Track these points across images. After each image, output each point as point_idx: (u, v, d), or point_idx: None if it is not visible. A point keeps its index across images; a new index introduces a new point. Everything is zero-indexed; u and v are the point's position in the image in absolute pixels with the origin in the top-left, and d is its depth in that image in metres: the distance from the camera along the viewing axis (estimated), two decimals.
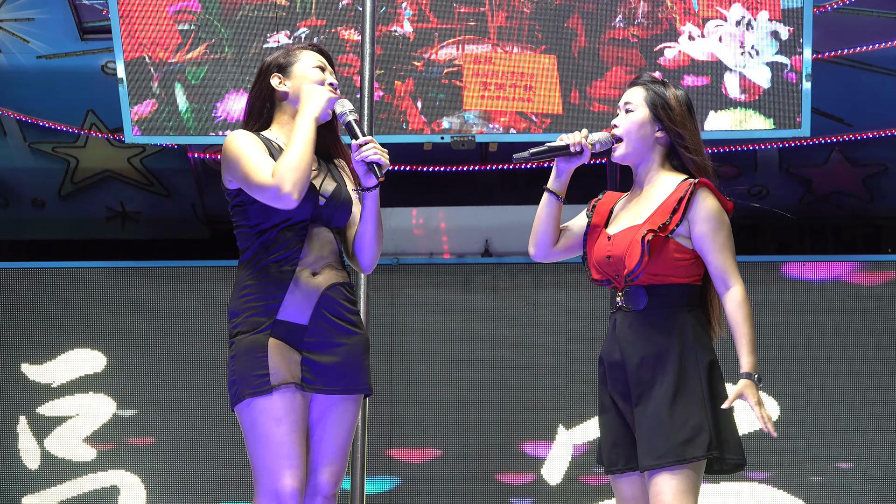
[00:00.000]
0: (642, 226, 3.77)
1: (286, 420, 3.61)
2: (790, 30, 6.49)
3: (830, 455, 7.20)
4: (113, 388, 7.48)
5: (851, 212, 8.26)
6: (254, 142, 3.72)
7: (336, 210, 3.77)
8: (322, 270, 3.72)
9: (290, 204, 3.61)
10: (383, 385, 7.31)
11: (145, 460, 7.43)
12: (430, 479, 7.38)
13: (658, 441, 3.66)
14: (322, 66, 3.86)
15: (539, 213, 3.93)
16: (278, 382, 3.61)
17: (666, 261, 3.75)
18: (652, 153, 3.88)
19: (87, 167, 8.41)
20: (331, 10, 6.69)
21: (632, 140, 3.86)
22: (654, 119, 3.86)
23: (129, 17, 6.70)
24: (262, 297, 3.68)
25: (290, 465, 3.59)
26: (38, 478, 7.46)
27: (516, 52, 6.63)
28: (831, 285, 7.24)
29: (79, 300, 7.48)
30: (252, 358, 3.64)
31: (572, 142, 3.84)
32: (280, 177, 3.60)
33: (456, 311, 7.41)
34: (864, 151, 8.12)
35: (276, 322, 3.67)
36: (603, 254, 3.83)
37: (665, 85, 3.90)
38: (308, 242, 3.71)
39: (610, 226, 3.89)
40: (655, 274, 3.75)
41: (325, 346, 3.69)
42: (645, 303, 3.75)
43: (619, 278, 3.79)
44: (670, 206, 3.77)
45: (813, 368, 7.22)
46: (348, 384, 3.71)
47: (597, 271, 3.86)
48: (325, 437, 3.70)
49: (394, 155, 8.14)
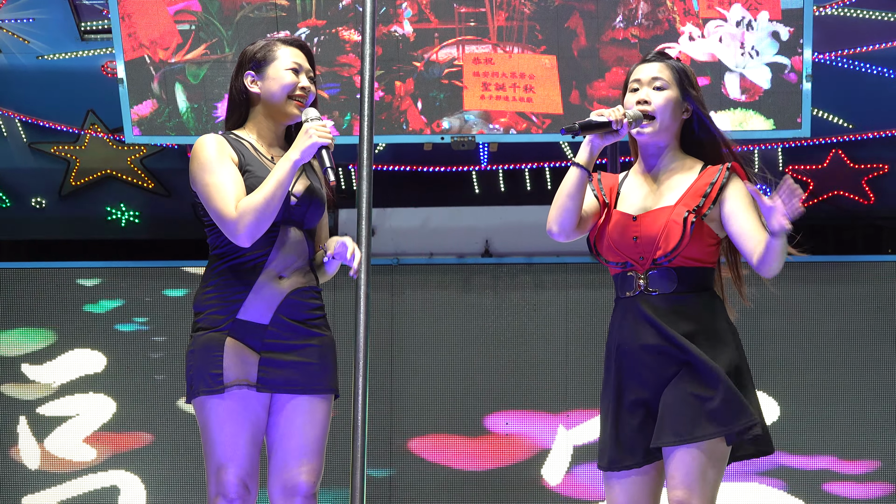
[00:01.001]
0: (675, 207, 3.68)
1: (234, 421, 3.62)
2: (790, 30, 6.49)
3: (833, 452, 7.20)
4: (113, 388, 7.48)
5: (851, 212, 8.25)
6: (220, 157, 3.71)
7: (308, 210, 3.76)
8: (290, 275, 3.71)
9: (242, 244, 3.64)
10: (383, 385, 7.31)
11: (145, 460, 7.43)
12: (430, 478, 7.38)
13: (735, 409, 3.56)
14: (297, 67, 3.80)
15: (568, 190, 3.70)
16: (230, 382, 3.63)
17: (699, 244, 3.68)
18: (674, 135, 3.79)
19: (87, 167, 8.41)
20: (331, 10, 6.69)
21: (666, 119, 3.74)
22: (684, 99, 3.78)
23: (129, 18, 6.70)
24: (225, 295, 3.70)
25: (235, 464, 3.61)
26: (38, 478, 7.46)
27: (516, 53, 6.63)
28: (831, 285, 7.24)
29: (79, 300, 7.48)
30: (208, 355, 3.67)
31: (616, 118, 3.69)
32: (241, 216, 3.62)
33: (456, 311, 7.41)
34: (865, 151, 8.11)
35: (235, 321, 3.68)
36: (628, 235, 3.70)
37: (679, 62, 3.84)
38: (277, 245, 3.71)
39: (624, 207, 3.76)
40: (689, 257, 3.67)
41: (285, 346, 3.68)
42: (676, 285, 3.67)
43: (645, 261, 3.68)
44: (702, 189, 3.70)
45: (812, 368, 7.22)
46: (312, 384, 3.70)
47: (614, 254, 3.73)
48: (295, 437, 3.69)
49: (394, 155, 8.18)
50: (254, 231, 3.62)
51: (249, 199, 3.63)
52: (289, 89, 3.79)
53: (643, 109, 3.75)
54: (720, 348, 3.66)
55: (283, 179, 3.63)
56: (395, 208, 7.83)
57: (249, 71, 3.83)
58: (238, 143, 3.77)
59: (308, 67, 3.84)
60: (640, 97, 3.76)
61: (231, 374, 3.63)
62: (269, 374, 3.66)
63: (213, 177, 3.70)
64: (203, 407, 3.65)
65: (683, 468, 3.56)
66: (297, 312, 3.70)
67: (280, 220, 3.70)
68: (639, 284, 3.69)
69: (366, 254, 5.40)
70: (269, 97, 3.80)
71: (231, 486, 3.61)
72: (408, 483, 7.39)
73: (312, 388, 3.70)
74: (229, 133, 3.82)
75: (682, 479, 3.56)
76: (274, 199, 3.62)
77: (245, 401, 3.63)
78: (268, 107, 3.81)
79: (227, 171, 3.70)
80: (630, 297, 3.71)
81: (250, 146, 3.77)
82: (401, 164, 8.05)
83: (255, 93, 3.82)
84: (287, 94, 3.79)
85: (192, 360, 3.70)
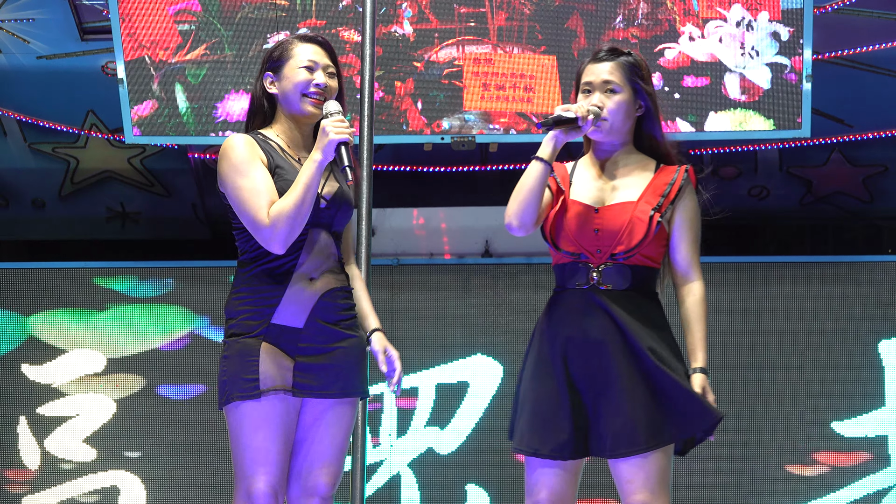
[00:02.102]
0: (638, 203, 3.70)
1: (267, 427, 3.60)
2: (790, 30, 6.49)
3: (832, 451, 7.20)
4: (113, 388, 7.48)
5: (851, 212, 8.26)
6: (250, 157, 3.67)
7: (337, 213, 3.75)
8: (321, 276, 3.70)
9: (275, 251, 3.62)
10: (383, 385, 7.31)
11: (145, 460, 7.43)
12: (431, 478, 7.38)
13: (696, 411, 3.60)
14: (311, 65, 3.75)
15: (529, 185, 3.70)
16: (267, 388, 3.61)
17: (656, 243, 3.71)
18: (629, 132, 3.81)
19: (87, 167, 8.41)
20: (331, 10, 6.69)
21: (616, 121, 3.76)
22: (636, 98, 3.78)
23: (129, 18, 6.70)
24: (257, 300, 3.68)
25: (266, 471, 3.59)
26: (38, 478, 7.46)
27: (516, 53, 6.63)
28: (831, 285, 7.24)
29: (79, 300, 7.48)
30: (243, 361, 3.64)
31: (582, 114, 3.68)
32: (274, 224, 3.60)
33: (456, 311, 7.40)
34: (864, 152, 8.12)
35: (270, 326, 3.66)
36: (589, 226, 3.71)
37: (631, 55, 3.82)
38: (307, 248, 3.68)
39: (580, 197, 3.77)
40: (646, 255, 3.69)
41: (319, 350, 3.67)
42: (629, 283, 3.68)
43: (602, 254, 3.69)
44: (660, 188, 3.73)
45: (812, 368, 7.21)
46: (344, 388, 3.70)
47: (571, 244, 3.73)
48: (322, 440, 3.69)
49: (394, 155, 8.17)
50: (287, 238, 3.60)
51: (280, 205, 3.60)
52: (301, 87, 3.74)
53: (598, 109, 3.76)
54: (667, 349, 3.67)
55: (311, 182, 3.60)
56: (395, 208, 7.83)
57: (268, 72, 3.80)
58: (266, 143, 3.74)
59: (327, 63, 3.77)
60: (594, 102, 3.76)
61: (269, 380, 3.61)
62: (304, 378, 3.65)
63: (245, 180, 3.65)
64: (237, 412, 3.62)
65: (644, 473, 3.59)
66: (329, 314, 3.69)
67: (309, 224, 3.67)
68: (591, 277, 3.70)
69: (366, 254, 5.41)
70: (286, 98, 3.77)
71: (260, 495, 3.58)
72: (407, 480, 7.40)
73: (344, 392, 3.70)
74: (257, 133, 3.78)
75: (643, 483, 3.59)
76: (305, 204, 3.59)
77: (280, 406, 3.62)
78: (287, 108, 3.78)
79: (259, 173, 3.66)
80: (578, 288, 3.71)
81: (278, 147, 3.74)
82: (401, 164, 8.05)
83: (273, 94, 3.79)
84: (301, 92, 3.74)
85: (227, 366, 3.66)
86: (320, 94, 3.74)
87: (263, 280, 3.68)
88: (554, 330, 3.74)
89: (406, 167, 8.05)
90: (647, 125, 3.82)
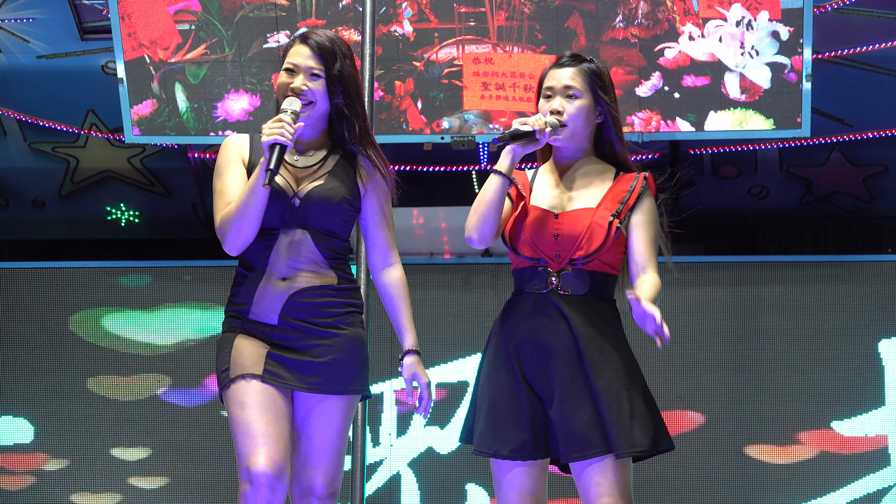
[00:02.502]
0: (597, 209, 3.72)
1: (250, 402, 3.60)
2: (790, 30, 6.49)
3: (832, 449, 7.21)
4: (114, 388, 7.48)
5: (851, 212, 8.26)
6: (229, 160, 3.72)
7: (312, 211, 3.71)
8: (294, 276, 3.69)
9: (231, 253, 3.67)
10: (383, 384, 7.31)
11: (146, 459, 7.43)
12: (431, 478, 7.38)
13: (625, 430, 3.60)
14: (293, 68, 3.74)
15: (489, 199, 3.74)
16: (235, 374, 3.63)
17: (615, 250, 3.72)
18: (588, 138, 3.82)
19: (87, 167, 8.41)
20: (331, 10, 6.69)
21: (577, 127, 3.77)
22: (596, 104, 3.79)
23: (129, 17, 6.70)
24: (236, 300, 3.74)
25: (260, 444, 3.57)
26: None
27: (516, 53, 6.63)
28: (831, 285, 7.24)
29: (79, 300, 7.48)
30: (222, 355, 3.70)
31: (539, 127, 3.71)
32: (221, 227, 3.67)
33: (456, 311, 7.40)
34: (864, 151, 8.12)
35: (247, 322, 3.70)
36: (548, 232, 3.73)
37: (593, 63, 3.84)
38: (277, 247, 3.68)
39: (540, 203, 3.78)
40: (605, 261, 3.71)
41: (294, 346, 3.66)
42: (587, 289, 3.70)
43: (561, 259, 3.70)
44: (619, 195, 3.74)
45: (813, 368, 7.21)
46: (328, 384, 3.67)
47: (531, 249, 3.75)
48: (313, 438, 3.68)
49: (394, 155, 8.18)
50: (234, 240, 3.64)
51: (228, 208, 3.66)
52: (281, 90, 3.75)
53: (557, 119, 3.77)
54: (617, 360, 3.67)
55: (254, 186, 3.60)
56: (395, 208, 7.82)
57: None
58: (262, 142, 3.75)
59: (311, 65, 3.74)
60: (554, 106, 3.78)
61: (237, 367, 3.64)
62: (276, 368, 3.64)
63: (219, 182, 3.74)
64: (225, 401, 3.67)
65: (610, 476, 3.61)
66: (302, 313, 3.67)
67: (280, 224, 3.68)
68: (550, 282, 3.71)
69: (366, 254, 5.41)
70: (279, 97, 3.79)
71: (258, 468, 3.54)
72: (406, 480, 7.40)
73: (328, 389, 3.67)
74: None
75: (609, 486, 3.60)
76: (248, 207, 3.60)
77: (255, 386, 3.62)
78: None
79: (230, 177, 3.71)
80: (537, 292, 3.72)
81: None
82: (401, 164, 8.05)
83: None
84: (282, 93, 3.74)
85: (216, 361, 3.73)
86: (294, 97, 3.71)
87: (241, 280, 3.73)
88: (508, 333, 3.76)
89: (406, 167, 8.05)
90: (607, 133, 3.83)
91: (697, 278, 7.17)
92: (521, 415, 3.68)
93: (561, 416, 3.63)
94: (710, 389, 7.19)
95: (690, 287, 7.16)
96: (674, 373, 7.18)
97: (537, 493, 3.72)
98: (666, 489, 7.18)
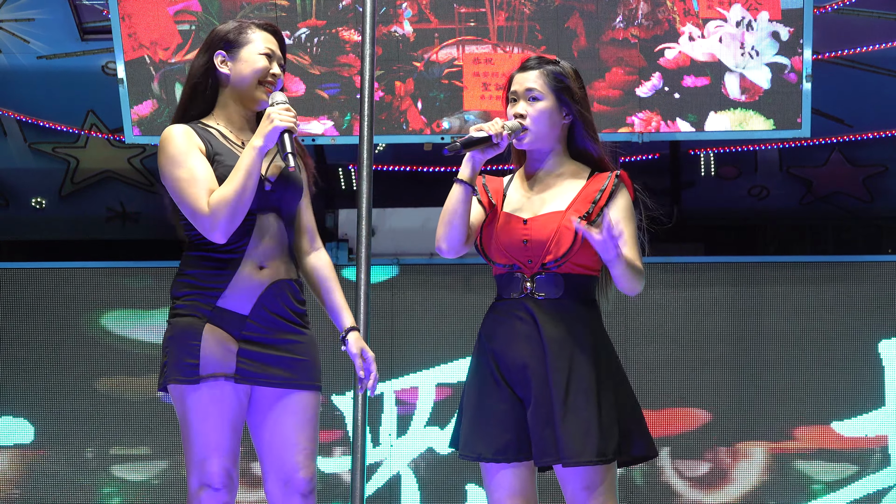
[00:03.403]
0: (566, 212, 3.69)
1: (216, 412, 3.55)
2: (790, 30, 6.49)
3: (833, 448, 7.20)
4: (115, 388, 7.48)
5: (851, 212, 8.26)
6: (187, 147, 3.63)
7: (284, 194, 3.68)
8: (269, 264, 3.63)
9: (217, 241, 3.57)
10: (383, 384, 7.31)
11: (146, 459, 7.43)
12: (431, 478, 7.38)
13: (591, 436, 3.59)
14: (270, 53, 3.71)
15: (453, 208, 3.72)
16: (208, 374, 3.56)
17: (588, 251, 3.67)
18: (557, 140, 3.79)
19: (87, 167, 8.41)
20: (331, 10, 6.69)
21: (541, 129, 3.74)
22: (560, 106, 3.77)
23: (129, 18, 6.70)
24: (204, 282, 3.62)
25: (219, 455, 3.54)
26: None
27: (516, 53, 6.63)
28: (831, 285, 7.24)
29: (79, 300, 7.48)
30: (186, 343, 3.58)
31: (495, 132, 3.68)
32: (214, 212, 3.55)
33: (456, 311, 7.40)
34: (865, 152, 8.12)
35: (215, 308, 3.60)
36: (517, 237, 3.72)
37: (558, 64, 3.81)
38: (256, 233, 3.63)
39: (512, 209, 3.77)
40: (577, 263, 3.68)
41: (265, 340, 3.61)
42: (562, 292, 3.69)
43: (533, 264, 3.69)
44: (591, 196, 3.72)
45: (813, 368, 7.22)
46: (300, 380, 3.62)
47: (503, 255, 3.75)
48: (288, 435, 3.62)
49: (394, 155, 8.18)
50: (228, 226, 3.55)
51: (221, 192, 3.55)
52: (260, 74, 3.68)
53: (520, 122, 3.75)
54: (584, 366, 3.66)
55: (252, 169, 3.55)
56: (395, 208, 7.83)
57: (221, 51, 3.71)
58: (205, 131, 3.68)
59: (280, 55, 3.74)
60: (517, 110, 3.77)
61: (209, 365, 3.56)
62: (248, 365, 3.58)
63: (182, 171, 3.61)
64: (181, 397, 3.58)
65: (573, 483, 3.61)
66: (278, 305, 3.62)
67: (256, 209, 3.62)
68: (525, 287, 3.71)
69: (366, 254, 5.40)
70: (240, 80, 3.70)
71: (216, 476, 3.53)
72: (407, 480, 7.40)
73: (300, 384, 3.63)
74: (196, 123, 3.71)
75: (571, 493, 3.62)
76: (245, 191, 3.55)
77: (222, 393, 3.56)
78: (236, 90, 3.71)
79: (196, 163, 3.61)
80: (515, 298, 3.73)
81: (218, 134, 3.69)
82: (401, 164, 8.05)
83: (224, 74, 3.70)
84: (258, 78, 3.69)
85: (169, 346, 3.61)
86: (274, 84, 3.69)
87: (211, 264, 3.63)
88: (487, 339, 3.78)
89: (406, 167, 8.05)
90: (578, 134, 3.81)
91: (697, 278, 7.17)
92: (503, 417, 3.68)
93: (532, 422, 3.64)
94: (710, 389, 7.19)
95: (690, 287, 7.17)
96: (674, 373, 7.18)
97: (527, 493, 3.72)
98: (665, 490, 7.18)
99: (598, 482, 3.62)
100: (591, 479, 3.62)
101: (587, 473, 3.61)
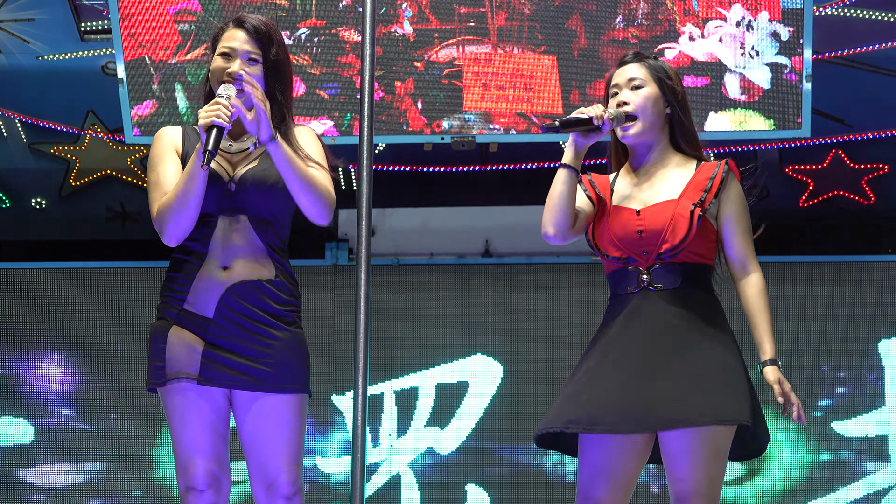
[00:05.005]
0: (679, 200, 3.66)
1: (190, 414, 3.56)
2: (790, 30, 6.49)
3: (832, 449, 7.20)
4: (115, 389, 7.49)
5: (851, 212, 8.26)
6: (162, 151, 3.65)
7: (246, 195, 3.64)
8: (233, 264, 3.62)
9: (169, 244, 3.62)
10: (383, 384, 7.31)
11: (146, 459, 7.44)
12: (431, 478, 7.39)
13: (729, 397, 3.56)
14: (229, 52, 3.67)
15: (559, 192, 3.69)
16: (170, 375, 3.58)
17: (703, 239, 3.66)
18: (661, 130, 3.78)
19: (87, 167, 8.41)
20: (331, 10, 6.69)
21: (648, 117, 3.74)
22: (662, 94, 3.77)
23: (129, 18, 6.70)
24: (172, 287, 3.67)
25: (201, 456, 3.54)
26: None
27: (516, 53, 6.63)
28: (831, 285, 7.24)
29: (79, 300, 7.48)
30: (156, 346, 3.64)
31: (595, 115, 3.65)
32: (159, 217, 3.60)
33: (456, 311, 7.41)
34: (864, 152, 8.12)
35: (181, 311, 3.63)
36: (632, 228, 3.67)
37: (657, 59, 3.84)
38: (217, 234, 3.62)
39: (622, 202, 3.73)
40: (693, 251, 3.65)
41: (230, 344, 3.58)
42: (680, 281, 3.64)
43: (649, 255, 3.64)
44: (702, 184, 3.70)
45: (813, 368, 7.22)
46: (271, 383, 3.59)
47: (617, 248, 3.69)
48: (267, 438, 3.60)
49: (394, 155, 8.18)
50: (174, 230, 3.59)
51: (166, 197, 3.59)
52: (216, 74, 3.67)
53: (624, 110, 3.74)
54: (719, 346, 3.64)
55: (193, 171, 3.53)
56: (395, 208, 7.83)
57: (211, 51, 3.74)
58: (194, 131, 3.70)
59: (247, 49, 3.67)
60: (620, 100, 3.76)
61: (174, 366, 3.58)
62: (213, 369, 3.57)
63: (153, 174, 3.67)
64: (162, 400, 3.62)
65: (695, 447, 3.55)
66: (243, 306, 3.60)
67: (217, 210, 3.62)
68: (642, 280, 3.66)
69: (366, 254, 5.40)
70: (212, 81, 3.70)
71: (199, 477, 3.54)
72: (408, 480, 7.40)
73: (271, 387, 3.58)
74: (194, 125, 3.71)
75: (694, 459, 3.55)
76: (187, 195, 3.54)
77: (192, 393, 3.56)
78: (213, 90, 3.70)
79: (165, 167, 3.64)
80: (630, 293, 3.67)
81: None
82: (401, 164, 8.05)
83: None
84: (216, 79, 3.67)
85: (148, 350, 3.67)
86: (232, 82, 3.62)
87: (178, 267, 3.67)
88: (602, 332, 3.70)
89: (406, 167, 8.05)
90: (678, 126, 3.80)
91: None
92: (597, 387, 3.61)
93: (651, 390, 3.54)
94: None
95: None
96: None
97: (613, 472, 3.60)
98: (664, 489, 7.19)
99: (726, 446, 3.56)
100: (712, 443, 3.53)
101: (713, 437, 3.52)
